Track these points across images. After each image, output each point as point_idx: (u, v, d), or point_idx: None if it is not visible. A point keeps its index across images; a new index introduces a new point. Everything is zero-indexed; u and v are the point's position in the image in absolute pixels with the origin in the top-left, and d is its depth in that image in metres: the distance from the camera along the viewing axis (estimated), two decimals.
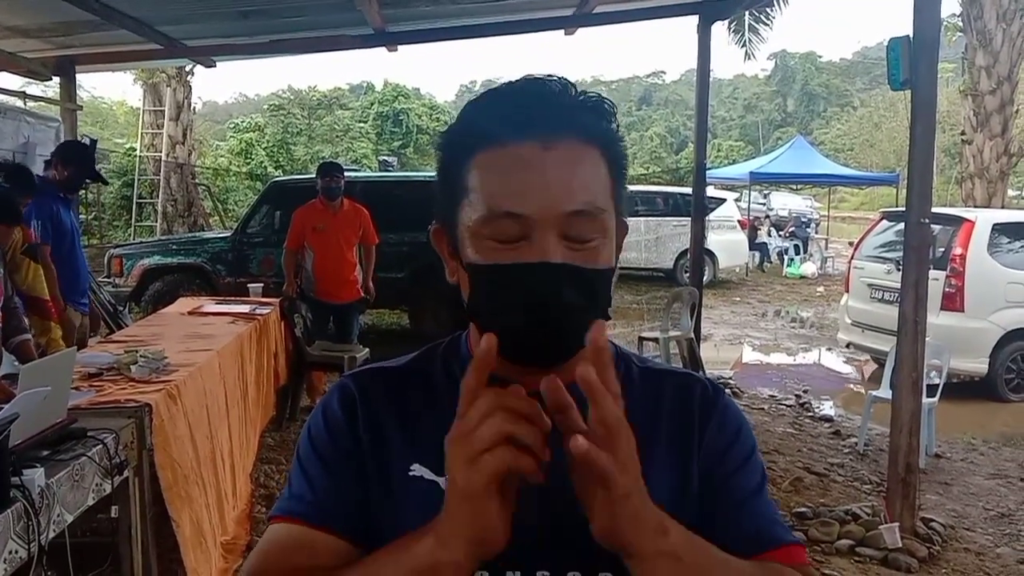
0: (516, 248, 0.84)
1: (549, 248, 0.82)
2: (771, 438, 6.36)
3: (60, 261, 4.67)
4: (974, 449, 6.46)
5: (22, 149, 6.83)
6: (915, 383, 4.43)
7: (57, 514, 2.40)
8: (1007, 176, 14.89)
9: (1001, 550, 4.57)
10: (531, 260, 0.83)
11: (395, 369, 0.98)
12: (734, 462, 0.94)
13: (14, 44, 6.94)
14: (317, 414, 0.96)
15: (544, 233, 0.83)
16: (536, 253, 0.82)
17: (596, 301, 0.86)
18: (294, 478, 0.94)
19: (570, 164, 0.84)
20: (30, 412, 2.37)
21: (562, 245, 0.83)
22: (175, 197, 17.83)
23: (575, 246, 0.84)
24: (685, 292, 8.22)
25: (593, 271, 0.85)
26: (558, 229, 0.83)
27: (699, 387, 0.98)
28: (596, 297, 0.86)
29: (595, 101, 0.89)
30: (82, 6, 5.73)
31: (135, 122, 20.52)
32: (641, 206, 15.85)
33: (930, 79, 4.41)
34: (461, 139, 0.89)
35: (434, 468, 0.89)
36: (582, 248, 0.84)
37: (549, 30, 8.27)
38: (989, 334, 7.73)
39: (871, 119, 43.14)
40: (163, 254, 9.33)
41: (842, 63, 65.02)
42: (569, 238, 0.84)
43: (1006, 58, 13.99)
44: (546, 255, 0.82)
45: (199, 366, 3.99)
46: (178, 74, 17.42)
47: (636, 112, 63.06)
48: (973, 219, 8.09)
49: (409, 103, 35.08)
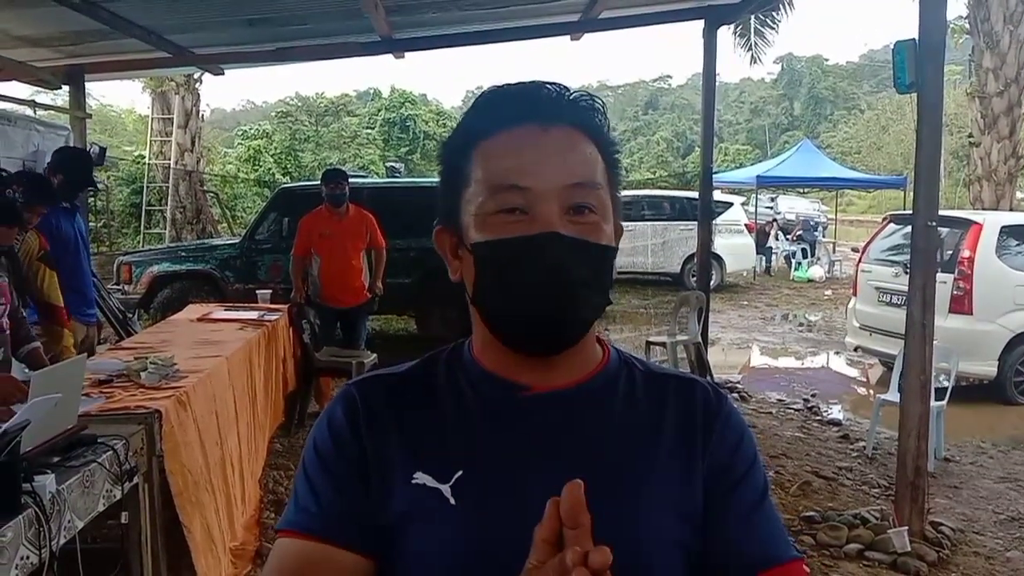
0: (519, 223, 0.87)
1: (552, 220, 0.86)
2: (779, 442, 6.35)
3: (63, 272, 4.57)
4: (983, 452, 6.43)
5: (32, 158, 6.86)
6: (923, 386, 4.42)
7: (68, 520, 2.41)
8: (1015, 178, 14.81)
9: (1011, 554, 4.54)
10: (535, 232, 0.86)
11: (398, 376, 0.98)
12: (736, 473, 0.94)
13: (24, 54, 6.99)
14: (322, 424, 0.96)
15: (546, 206, 0.86)
16: (539, 225, 0.86)
17: (599, 277, 0.89)
18: (300, 489, 0.93)
19: (567, 143, 0.89)
20: (41, 419, 2.39)
21: (564, 218, 0.87)
22: (184, 204, 17.89)
23: (576, 219, 0.88)
24: (692, 296, 8.21)
25: (596, 245, 0.88)
26: (559, 202, 0.87)
27: (702, 393, 0.98)
28: (599, 273, 0.89)
29: (587, 100, 0.93)
30: (91, 16, 5.77)
31: (144, 130, 20.59)
32: (648, 210, 15.84)
33: (936, 82, 4.41)
34: (461, 137, 0.93)
35: (437, 476, 0.89)
36: (583, 222, 0.88)
37: (555, 36, 8.27)
38: (998, 337, 7.69)
39: (878, 122, 42.99)
40: (172, 261, 9.36)
41: (849, 66, 64.84)
42: (570, 212, 0.87)
43: (1013, 60, 13.93)
44: (549, 226, 0.86)
45: (208, 372, 4.01)
46: (186, 82, 17.49)
47: (642, 117, 63.02)
48: (981, 222, 8.06)
49: (416, 109, 35.12)
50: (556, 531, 0.67)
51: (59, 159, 5.13)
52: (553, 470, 0.86)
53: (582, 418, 0.93)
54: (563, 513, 0.66)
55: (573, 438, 0.91)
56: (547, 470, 0.86)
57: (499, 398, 0.93)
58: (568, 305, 0.87)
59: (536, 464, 0.88)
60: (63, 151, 5.46)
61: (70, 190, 5.00)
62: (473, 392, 0.94)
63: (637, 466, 0.91)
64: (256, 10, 6.38)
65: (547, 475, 0.85)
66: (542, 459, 0.89)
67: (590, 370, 0.96)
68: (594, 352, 0.98)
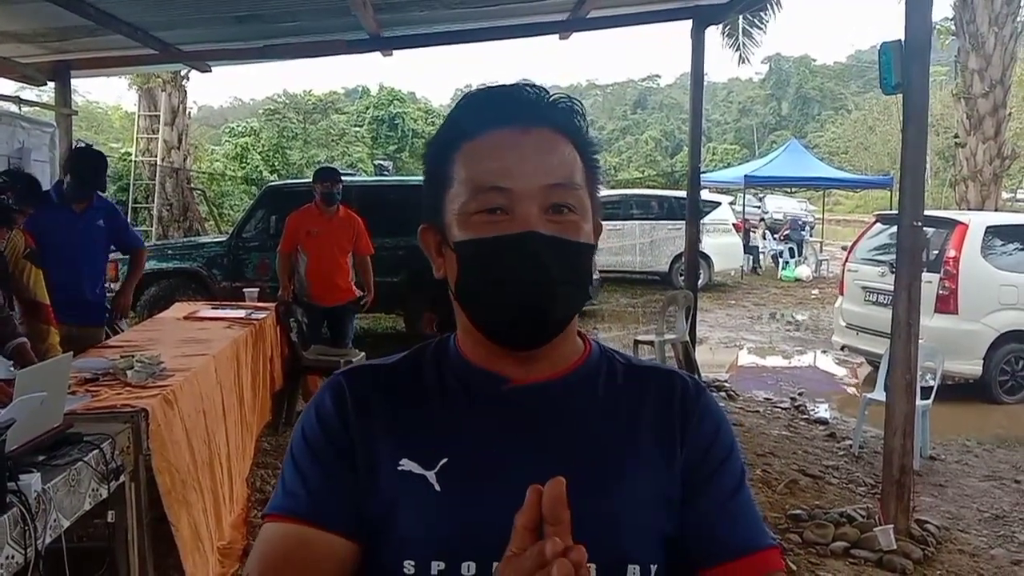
0: (500, 222, 0.89)
1: (532, 219, 0.89)
2: (766, 441, 6.38)
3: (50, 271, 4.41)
4: (968, 451, 6.48)
5: (17, 154, 6.82)
6: (909, 385, 4.45)
7: (54, 519, 2.40)
8: (1000, 179, 14.93)
9: (995, 551, 4.58)
10: (515, 231, 0.88)
11: (386, 367, 1.00)
12: (714, 462, 0.96)
13: (9, 49, 6.93)
14: (310, 411, 0.98)
15: (526, 206, 0.89)
16: (519, 225, 0.89)
17: (578, 274, 0.92)
18: (287, 474, 0.95)
19: (547, 144, 0.92)
20: (26, 417, 2.37)
21: (544, 218, 0.89)
22: (171, 202, 17.79)
23: (555, 218, 0.90)
24: (680, 295, 8.24)
25: (575, 243, 0.91)
26: (539, 202, 0.89)
27: (680, 384, 1.00)
28: (578, 270, 0.92)
29: (566, 102, 0.95)
30: (77, 11, 5.73)
31: (130, 127, 20.49)
32: (636, 210, 15.88)
33: (922, 83, 4.44)
34: (444, 138, 0.95)
35: (422, 463, 0.91)
36: (562, 221, 0.90)
37: (544, 34, 8.27)
38: (983, 336, 7.75)
39: (865, 122, 43.19)
40: (159, 259, 9.28)
41: (836, 66, 65.13)
42: (550, 211, 0.90)
43: (998, 61, 14.03)
44: (529, 226, 0.88)
45: (195, 371, 3.99)
46: (173, 79, 17.38)
47: (631, 116, 63.17)
48: (967, 222, 8.12)
49: (404, 107, 35.06)
50: (536, 519, 0.69)
51: (69, 160, 5.07)
52: (536, 459, 0.89)
53: (563, 408, 0.95)
54: (545, 509, 0.68)
55: (554, 428, 0.94)
56: (530, 458, 0.89)
57: (483, 389, 0.95)
58: (547, 301, 0.89)
59: (519, 452, 0.91)
60: (76, 152, 5.35)
61: (79, 190, 4.93)
62: (458, 383, 0.97)
63: (617, 455, 0.93)
64: (244, 7, 6.35)
65: (530, 463, 0.88)
66: (525, 448, 0.91)
67: (571, 363, 0.98)
68: (575, 346, 1.00)
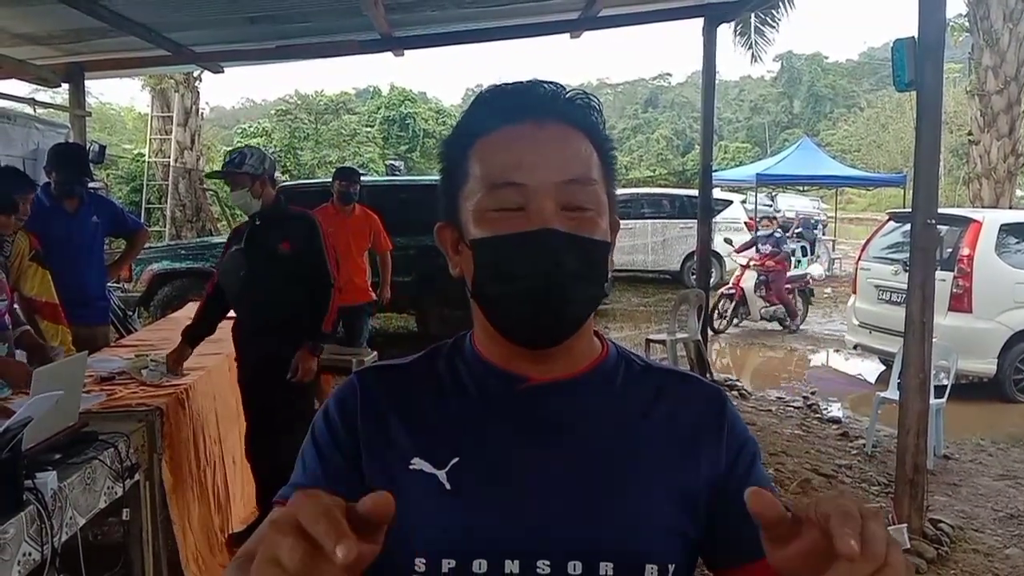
0: (516, 219, 0.88)
1: (548, 216, 0.88)
2: (779, 440, 6.36)
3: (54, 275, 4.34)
4: (982, 450, 6.44)
5: (32, 156, 6.86)
6: (923, 384, 4.43)
7: (69, 517, 2.42)
8: (1014, 176, 14.81)
9: (1010, 551, 4.56)
10: (532, 228, 0.87)
11: (400, 367, 1.01)
12: (741, 467, 0.96)
13: (24, 52, 6.98)
14: (322, 409, 0.99)
15: (542, 202, 0.88)
16: (536, 222, 0.88)
17: (594, 271, 0.91)
18: (297, 471, 0.97)
19: (563, 140, 0.91)
20: (42, 416, 2.40)
21: (560, 214, 0.88)
22: (183, 202, 17.88)
23: (572, 215, 0.89)
24: (692, 294, 8.22)
25: (591, 240, 0.90)
26: (555, 198, 0.88)
27: (705, 391, 1.00)
28: (594, 267, 0.91)
29: (583, 98, 0.94)
30: (91, 13, 5.76)
31: (143, 128, 20.57)
32: (648, 208, 15.85)
33: (936, 80, 4.41)
34: (459, 135, 0.95)
35: (433, 462, 0.91)
36: (578, 217, 0.89)
37: (554, 33, 8.26)
38: (997, 335, 7.71)
39: (878, 120, 42.96)
40: (172, 259, 9.35)
41: (848, 64, 64.75)
42: (565, 207, 0.89)
43: (1013, 58, 13.93)
44: (545, 222, 0.87)
45: (209, 370, 4.02)
46: (186, 80, 17.47)
47: (642, 114, 62.95)
48: (980, 220, 8.07)
49: (415, 107, 35.11)
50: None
51: (48, 159, 4.99)
52: (549, 459, 0.89)
53: (579, 408, 0.94)
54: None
55: (569, 428, 0.93)
56: (543, 459, 0.89)
57: (498, 388, 0.95)
58: (564, 298, 0.89)
59: (532, 453, 0.90)
60: (53, 149, 5.25)
61: (65, 185, 4.86)
62: (473, 382, 0.96)
63: (632, 456, 0.93)
64: (257, 8, 6.37)
65: (543, 464, 0.88)
66: (538, 448, 0.91)
67: (588, 362, 0.98)
68: (592, 346, 1.00)
